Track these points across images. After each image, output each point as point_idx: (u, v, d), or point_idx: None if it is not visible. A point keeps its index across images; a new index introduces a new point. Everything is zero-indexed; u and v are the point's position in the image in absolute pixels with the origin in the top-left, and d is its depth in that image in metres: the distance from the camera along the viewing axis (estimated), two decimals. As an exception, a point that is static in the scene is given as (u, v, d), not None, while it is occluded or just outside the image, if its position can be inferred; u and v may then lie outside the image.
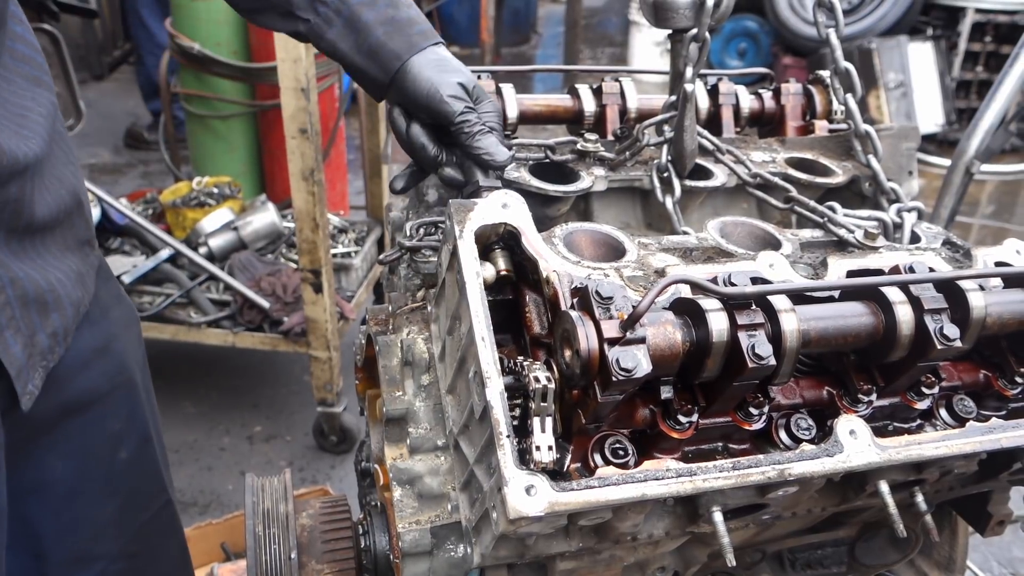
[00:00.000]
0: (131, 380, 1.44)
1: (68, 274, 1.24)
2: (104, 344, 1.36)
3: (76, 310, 1.25)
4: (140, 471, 1.48)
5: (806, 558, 1.56)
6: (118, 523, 1.44)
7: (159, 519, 1.54)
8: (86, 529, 1.39)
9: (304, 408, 3.96)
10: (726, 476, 0.92)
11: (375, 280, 4.05)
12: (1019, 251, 1.19)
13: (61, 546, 1.36)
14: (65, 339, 1.23)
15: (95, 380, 1.35)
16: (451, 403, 1.10)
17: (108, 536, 1.43)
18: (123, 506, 1.45)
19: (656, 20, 1.38)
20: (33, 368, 1.17)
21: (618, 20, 9.96)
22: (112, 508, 1.43)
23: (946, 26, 7.02)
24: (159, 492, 1.55)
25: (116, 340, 1.40)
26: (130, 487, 1.46)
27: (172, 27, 4.14)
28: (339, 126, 4.27)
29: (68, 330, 1.24)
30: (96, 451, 1.38)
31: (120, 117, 6.92)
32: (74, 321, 1.25)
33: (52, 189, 1.20)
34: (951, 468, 1.12)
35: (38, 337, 1.17)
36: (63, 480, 1.33)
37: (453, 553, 1.11)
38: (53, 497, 1.33)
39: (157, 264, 3.67)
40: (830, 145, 1.59)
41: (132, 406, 1.45)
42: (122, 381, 1.41)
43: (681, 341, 0.93)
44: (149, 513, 1.51)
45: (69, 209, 1.25)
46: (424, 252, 1.24)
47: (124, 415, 1.43)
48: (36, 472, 1.30)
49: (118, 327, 1.42)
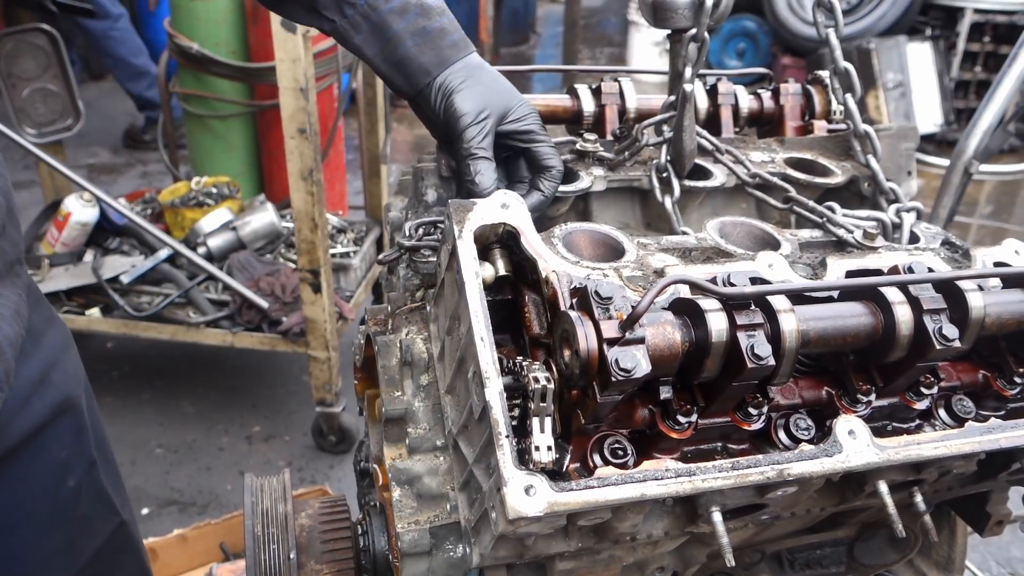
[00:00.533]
0: (75, 406, 1.37)
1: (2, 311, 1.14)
2: (42, 375, 1.28)
3: (15, 349, 1.15)
4: (89, 497, 1.43)
5: (805, 558, 1.56)
6: (68, 551, 1.40)
7: (112, 543, 1.50)
8: (33, 559, 1.34)
9: (303, 408, 3.97)
10: (725, 476, 0.92)
11: (374, 280, 4.05)
12: (1018, 251, 1.19)
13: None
14: (7, 382, 1.13)
15: (37, 415, 1.28)
16: (450, 403, 1.10)
17: (56, 565, 1.38)
18: (73, 534, 1.40)
19: (655, 20, 1.38)
20: None
21: (617, 20, 9.97)
22: (60, 537, 1.38)
23: (945, 26, 7.03)
24: (111, 515, 1.50)
25: (54, 368, 1.32)
26: (80, 514, 1.41)
27: (171, 27, 4.14)
28: (338, 126, 4.27)
29: (9, 372, 1.13)
30: (40, 481, 1.32)
31: (119, 117, 6.92)
32: (14, 360, 1.14)
33: None
34: (950, 468, 1.12)
35: None
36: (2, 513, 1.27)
37: (452, 553, 1.11)
38: None
39: (156, 264, 3.68)
40: (829, 145, 1.59)
41: (76, 432, 1.38)
42: (65, 408, 1.34)
43: (680, 341, 0.93)
44: (101, 538, 1.47)
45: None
46: (423, 252, 1.24)
47: (69, 443, 1.37)
48: None
49: (54, 352, 1.34)
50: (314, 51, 2.97)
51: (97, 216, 3.72)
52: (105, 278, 3.61)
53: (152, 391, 4.08)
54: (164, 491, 3.54)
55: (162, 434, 3.84)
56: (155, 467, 3.67)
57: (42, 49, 3.69)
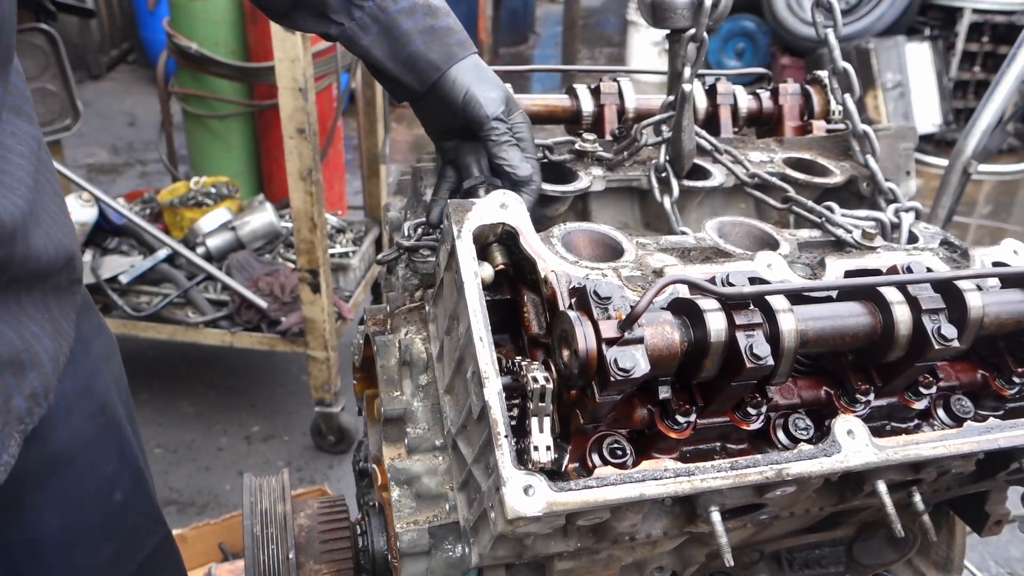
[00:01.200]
0: (116, 417, 1.36)
1: (44, 326, 1.13)
2: (86, 385, 1.28)
3: (56, 363, 1.15)
4: (137, 509, 1.43)
5: (804, 558, 1.56)
6: (116, 564, 1.39)
7: (158, 554, 1.49)
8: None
9: (302, 408, 3.96)
10: (724, 476, 0.92)
11: (373, 280, 4.05)
12: (1016, 251, 1.19)
13: None
14: (46, 397, 1.13)
15: (80, 425, 1.27)
16: (449, 403, 1.10)
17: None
18: (121, 547, 1.40)
19: (654, 20, 1.38)
20: (9, 436, 1.06)
21: (616, 20, 9.97)
22: (109, 552, 1.37)
23: (944, 26, 7.03)
24: (157, 526, 1.50)
25: (97, 377, 1.32)
26: (128, 527, 1.41)
27: (170, 27, 4.14)
28: (337, 126, 4.27)
29: (49, 387, 1.13)
30: (91, 499, 1.32)
31: (117, 117, 6.91)
32: (55, 375, 1.14)
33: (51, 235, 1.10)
34: (949, 468, 1.12)
35: (14, 401, 1.06)
36: (57, 534, 1.27)
37: (451, 553, 1.11)
38: (47, 552, 1.27)
39: (155, 264, 3.67)
40: (828, 145, 1.59)
41: (122, 444, 1.38)
42: (108, 421, 1.34)
43: (679, 341, 0.93)
44: (148, 550, 1.46)
45: (57, 267, 1.13)
46: (422, 252, 1.24)
47: (115, 455, 1.36)
48: (28, 531, 1.23)
49: (98, 362, 1.33)
50: (313, 51, 2.97)
51: (96, 216, 3.71)
52: (104, 278, 3.61)
53: (151, 391, 4.08)
54: (163, 491, 3.53)
55: (161, 434, 3.84)
56: (154, 467, 3.63)
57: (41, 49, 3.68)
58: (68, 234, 1.18)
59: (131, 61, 8.11)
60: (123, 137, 6.70)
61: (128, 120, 6.75)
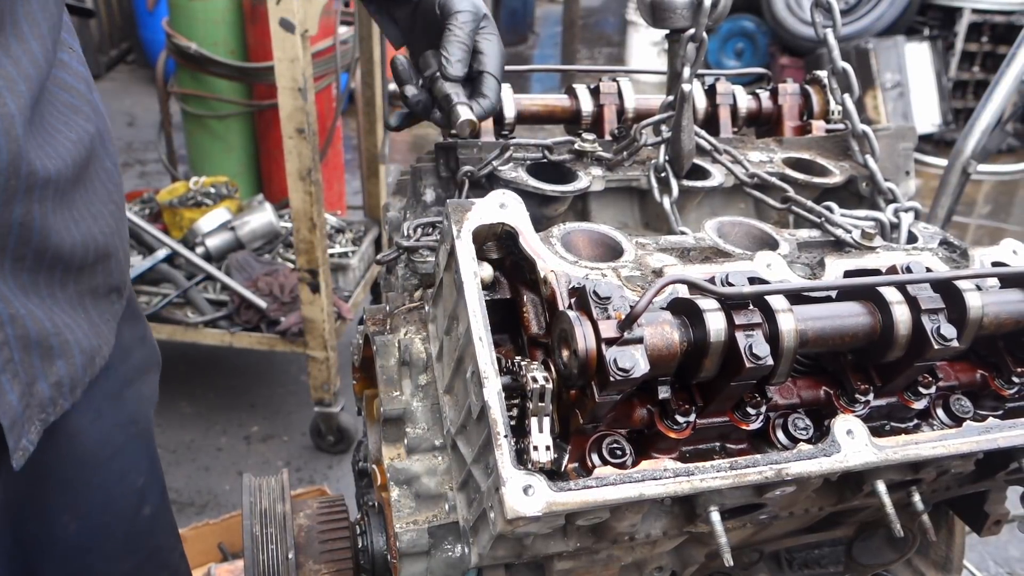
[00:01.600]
0: (148, 430, 1.37)
1: (78, 320, 1.12)
2: (119, 391, 1.28)
3: (89, 359, 1.14)
4: (163, 528, 1.43)
5: (803, 558, 1.56)
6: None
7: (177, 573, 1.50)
8: None
9: (301, 408, 3.96)
10: (723, 476, 0.92)
11: (372, 280, 4.04)
12: (1016, 251, 1.19)
13: None
14: (72, 391, 1.12)
15: (109, 431, 1.26)
16: (449, 403, 1.10)
17: None
18: (144, 563, 1.39)
19: (653, 20, 1.38)
20: (29, 421, 1.04)
21: (615, 20, 9.97)
22: (130, 566, 1.37)
23: (943, 26, 7.03)
24: (177, 544, 1.50)
25: (130, 385, 1.31)
26: (152, 544, 1.41)
27: (169, 27, 4.13)
28: (336, 126, 4.27)
29: (76, 381, 1.12)
30: (117, 507, 1.31)
31: (116, 116, 6.91)
32: (85, 372, 1.14)
33: (79, 224, 1.10)
34: (948, 468, 1.12)
35: (38, 386, 1.05)
36: (76, 537, 1.26)
37: (451, 553, 1.11)
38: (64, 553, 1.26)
39: (154, 264, 3.67)
40: (827, 145, 1.59)
41: (152, 459, 1.38)
42: (139, 432, 1.33)
43: (679, 341, 0.93)
44: (170, 569, 1.46)
45: (97, 252, 1.14)
46: (421, 252, 1.24)
47: (146, 468, 1.36)
48: (48, 529, 1.23)
49: (135, 372, 1.33)
50: (312, 51, 2.97)
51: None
52: (103, 278, 3.61)
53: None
54: (162, 491, 3.53)
55: (160, 434, 3.84)
56: (153, 467, 3.66)
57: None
58: (107, 234, 1.17)
59: (130, 61, 8.11)
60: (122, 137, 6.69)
61: (127, 120, 6.75)
